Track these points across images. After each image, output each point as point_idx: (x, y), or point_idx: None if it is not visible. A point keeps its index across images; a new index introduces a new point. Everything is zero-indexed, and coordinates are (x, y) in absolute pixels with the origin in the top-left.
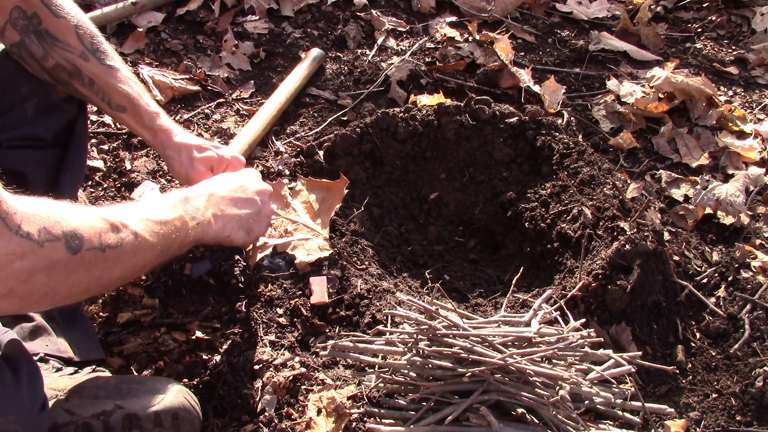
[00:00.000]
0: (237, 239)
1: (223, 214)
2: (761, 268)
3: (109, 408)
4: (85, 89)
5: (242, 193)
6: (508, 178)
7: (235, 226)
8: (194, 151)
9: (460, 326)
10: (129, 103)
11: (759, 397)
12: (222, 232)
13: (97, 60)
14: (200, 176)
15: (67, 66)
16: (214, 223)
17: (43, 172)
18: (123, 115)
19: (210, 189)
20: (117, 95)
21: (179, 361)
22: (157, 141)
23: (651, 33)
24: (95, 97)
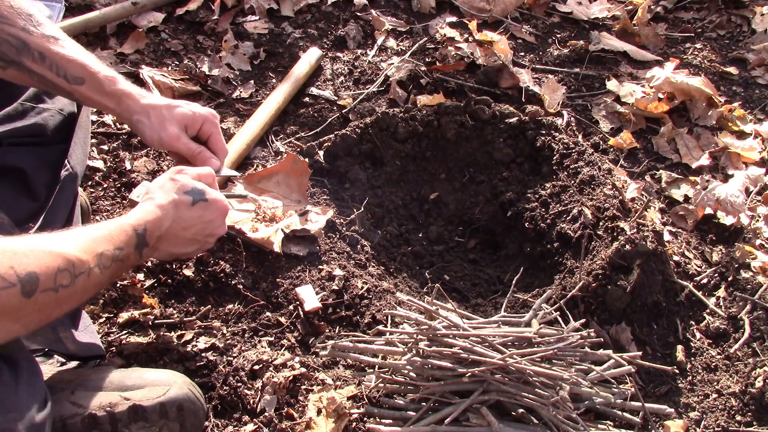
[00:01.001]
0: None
1: (167, 252)
2: (761, 268)
3: (114, 400)
4: (37, 65)
5: (197, 237)
6: (508, 178)
7: (169, 257)
8: (164, 111)
9: (460, 326)
10: (85, 72)
11: (759, 397)
12: (156, 258)
13: (40, 32)
14: (174, 138)
15: (13, 41)
16: (157, 256)
17: (44, 169)
18: (81, 87)
19: (170, 224)
20: (72, 66)
21: (179, 361)
22: (122, 107)
23: (651, 33)
24: (48, 73)
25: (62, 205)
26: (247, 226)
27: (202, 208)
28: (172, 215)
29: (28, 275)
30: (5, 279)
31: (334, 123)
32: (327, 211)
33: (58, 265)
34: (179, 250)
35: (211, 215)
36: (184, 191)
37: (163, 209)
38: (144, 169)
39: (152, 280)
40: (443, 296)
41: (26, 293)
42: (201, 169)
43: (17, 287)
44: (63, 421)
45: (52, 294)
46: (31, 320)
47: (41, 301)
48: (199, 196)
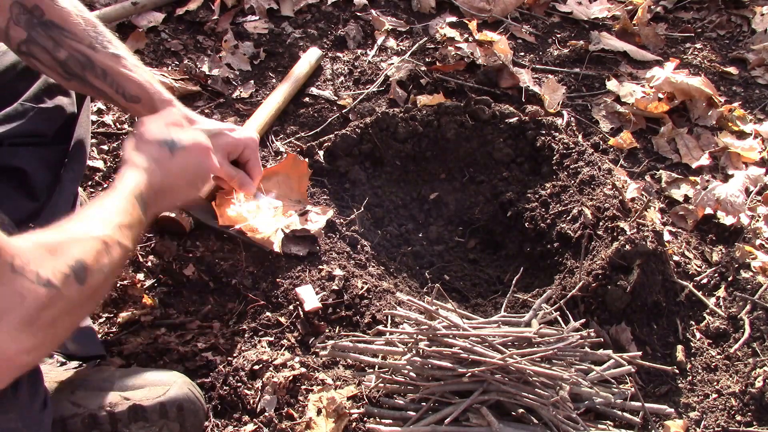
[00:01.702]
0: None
1: (170, 203)
2: (761, 268)
3: (115, 400)
4: (99, 81)
5: (191, 181)
6: (508, 178)
7: (173, 208)
8: (210, 138)
9: (460, 326)
10: (142, 92)
11: (759, 397)
12: (162, 212)
13: (104, 49)
14: (216, 169)
15: (79, 57)
16: (165, 210)
17: (44, 169)
18: (137, 105)
19: (160, 180)
20: (130, 85)
21: (179, 361)
22: None
23: (651, 33)
24: (109, 89)
25: (62, 205)
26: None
27: (183, 155)
28: (159, 171)
29: (77, 263)
30: (62, 272)
31: (334, 123)
32: (327, 211)
33: (96, 247)
34: (182, 196)
35: (195, 158)
36: (158, 143)
37: (147, 170)
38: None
39: (152, 280)
40: (443, 296)
41: (80, 280)
42: (164, 115)
43: (71, 276)
44: (63, 421)
45: (100, 276)
46: (89, 306)
47: (93, 285)
48: (173, 145)
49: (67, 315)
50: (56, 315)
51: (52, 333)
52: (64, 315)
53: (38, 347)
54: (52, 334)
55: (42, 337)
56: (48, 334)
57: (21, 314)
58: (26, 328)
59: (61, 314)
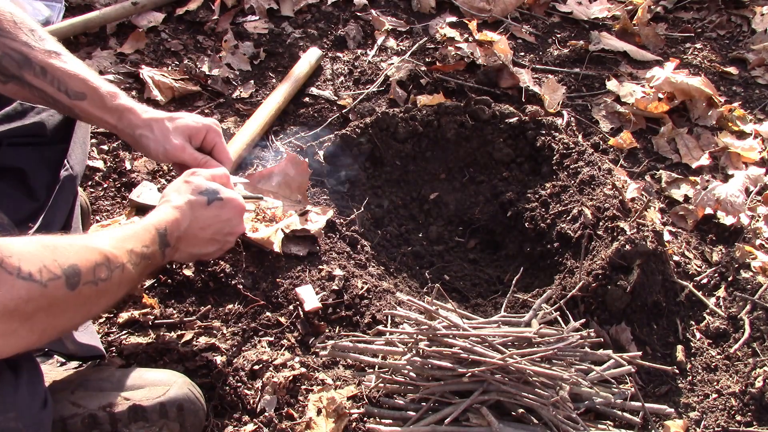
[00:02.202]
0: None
1: (188, 252)
2: (761, 268)
3: (114, 400)
4: (38, 80)
5: (216, 236)
6: (508, 178)
7: (191, 258)
8: (167, 123)
9: (460, 326)
10: (87, 87)
11: (759, 397)
12: (178, 260)
13: (41, 47)
14: (180, 149)
15: (15, 55)
16: (179, 258)
17: (44, 169)
18: (82, 103)
19: (188, 224)
20: (73, 81)
21: (179, 361)
22: (123, 122)
23: (651, 33)
24: (49, 88)
25: (62, 205)
26: (247, 226)
27: (218, 207)
28: (189, 215)
29: (70, 267)
30: (51, 271)
31: (334, 123)
32: (327, 211)
33: (96, 259)
34: (200, 250)
35: (227, 214)
36: (198, 192)
37: (179, 210)
38: (144, 169)
39: (152, 280)
40: (443, 296)
41: (70, 285)
42: (215, 170)
43: (62, 279)
44: (63, 421)
45: (93, 287)
46: (75, 315)
47: (84, 295)
48: (213, 195)
49: (48, 314)
50: (33, 310)
51: (28, 326)
52: (43, 312)
53: (11, 334)
54: (28, 327)
55: (16, 326)
56: (23, 326)
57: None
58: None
59: (40, 310)
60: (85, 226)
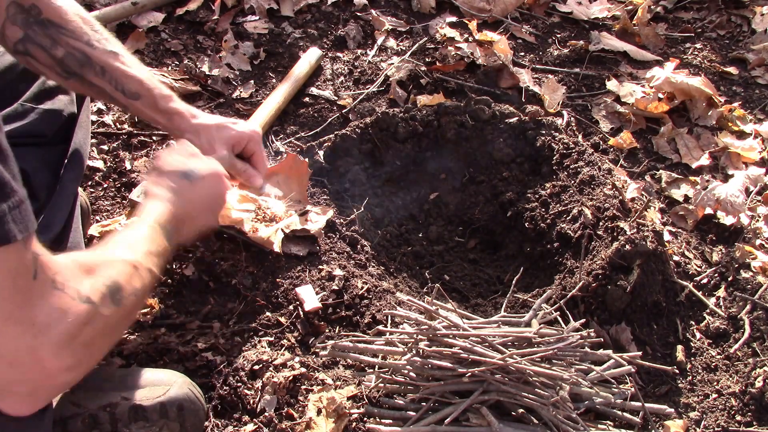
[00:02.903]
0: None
1: (192, 233)
2: (761, 268)
3: (115, 400)
4: (98, 79)
5: (210, 207)
6: (508, 178)
7: (195, 235)
8: (213, 131)
9: (460, 326)
10: (142, 88)
11: (759, 397)
12: (185, 241)
13: (101, 46)
14: (222, 158)
15: (77, 55)
16: (186, 239)
17: (44, 170)
18: (137, 102)
19: (182, 210)
20: (130, 81)
21: (179, 361)
22: (173, 124)
23: (651, 33)
24: (108, 86)
25: (62, 205)
26: (247, 226)
27: (201, 184)
28: (180, 201)
29: (113, 284)
30: (100, 291)
31: (334, 123)
32: (327, 211)
33: (128, 270)
34: (204, 222)
35: (211, 183)
36: (178, 176)
37: (168, 201)
38: (144, 169)
39: None
40: (443, 296)
41: (116, 302)
42: (179, 149)
43: (108, 298)
44: (63, 421)
45: (133, 299)
46: (122, 330)
47: (127, 309)
48: (192, 175)
49: (103, 335)
50: (94, 334)
51: (89, 352)
52: (100, 335)
53: (77, 366)
54: (89, 353)
55: (81, 356)
56: (86, 353)
57: (63, 330)
58: (68, 345)
59: (98, 333)
60: (85, 226)
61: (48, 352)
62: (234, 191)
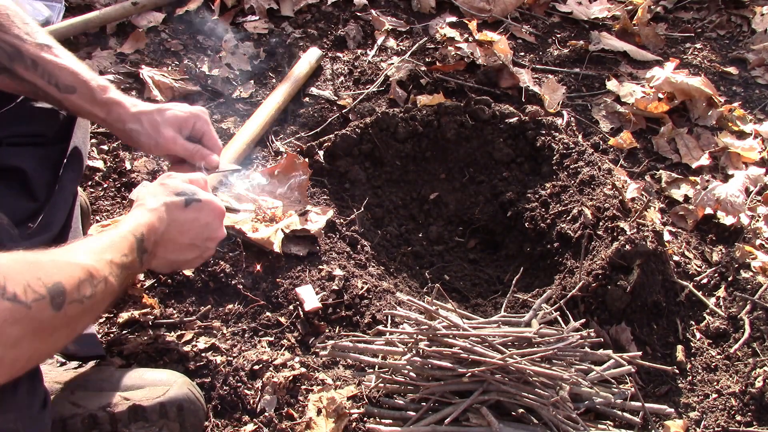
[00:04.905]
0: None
1: (167, 260)
2: (761, 268)
3: (114, 400)
4: (29, 73)
5: (195, 241)
6: (508, 178)
7: (170, 266)
8: (156, 115)
9: (460, 326)
10: (77, 80)
11: (759, 397)
12: (156, 269)
13: (33, 40)
14: (171, 141)
15: (7, 48)
16: (157, 266)
17: (44, 169)
18: (72, 96)
19: (165, 228)
20: (64, 74)
21: (179, 361)
22: (112, 116)
23: (651, 33)
24: (40, 81)
25: (62, 205)
26: (247, 226)
27: (195, 210)
28: (167, 218)
29: (55, 286)
30: (35, 290)
31: (334, 123)
32: (327, 211)
33: (79, 275)
34: (178, 256)
35: (206, 217)
36: (175, 193)
37: (155, 213)
38: (144, 169)
39: (152, 280)
40: (443, 296)
41: (56, 305)
42: (191, 175)
43: (46, 299)
44: (63, 421)
45: (78, 306)
46: (61, 336)
47: (69, 315)
48: (191, 197)
49: (34, 338)
50: (21, 334)
51: (13, 354)
52: (30, 336)
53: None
54: (13, 355)
55: (1, 355)
56: (9, 352)
57: None
58: None
59: (26, 335)
60: (85, 226)
61: None
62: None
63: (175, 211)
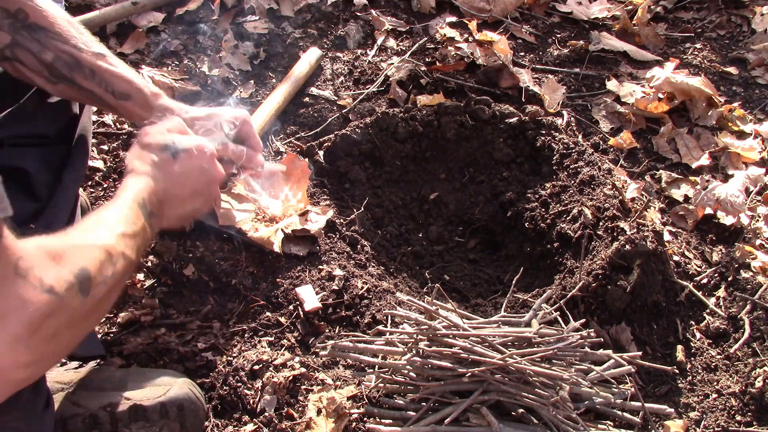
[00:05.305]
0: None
1: (175, 215)
2: (761, 268)
3: (115, 400)
4: (87, 81)
5: (196, 188)
6: (508, 178)
7: (180, 220)
8: (206, 121)
9: (460, 326)
10: (132, 87)
11: (759, 397)
12: (169, 227)
13: (88, 48)
14: (221, 148)
15: (66, 58)
16: (169, 224)
17: (46, 170)
18: (127, 103)
19: (164, 187)
20: (119, 82)
21: (179, 361)
22: None
23: (651, 33)
24: (98, 89)
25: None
26: (247, 226)
27: (185, 159)
28: (162, 176)
29: (81, 272)
30: (65, 280)
31: (334, 123)
32: (327, 211)
33: (100, 257)
34: (186, 208)
35: (198, 161)
36: (160, 150)
37: (149, 175)
38: None
39: (152, 280)
40: (443, 296)
41: (84, 291)
42: (166, 123)
43: (75, 287)
44: (63, 421)
45: (103, 288)
46: (92, 320)
47: (97, 298)
48: (175, 148)
49: (69, 328)
50: (58, 326)
51: (52, 347)
52: (65, 327)
53: (37, 362)
54: (52, 348)
55: (42, 351)
56: (48, 347)
57: (22, 321)
58: (26, 338)
59: (62, 326)
60: None
61: (3, 345)
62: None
63: (165, 167)
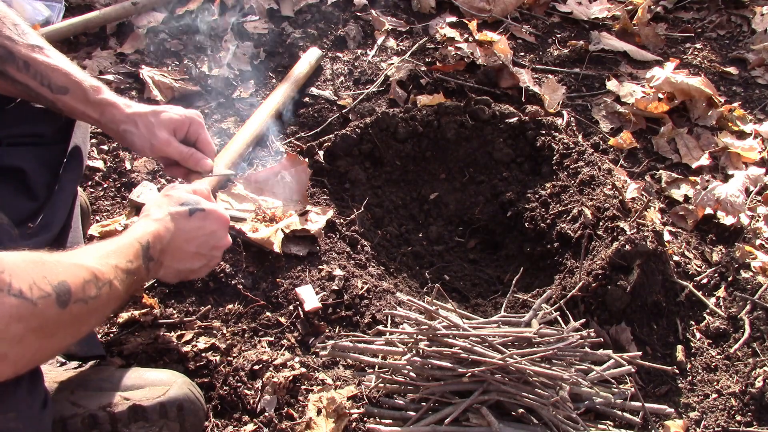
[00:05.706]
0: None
1: (174, 269)
2: (761, 268)
3: (114, 400)
4: (21, 74)
5: (200, 250)
6: (508, 178)
7: (177, 276)
8: (151, 117)
9: (460, 326)
10: (69, 81)
11: (759, 397)
12: (164, 279)
13: (25, 41)
14: (165, 144)
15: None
16: (164, 275)
17: (43, 169)
18: (65, 97)
19: (171, 237)
20: (56, 75)
21: (179, 361)
22: (106, 116)
23: (651, 33)
24: (32, 82)
25: (61, 205)
26: (247, 226)
27: (200, 219)
28: (172, 227)
29: (60, 284)
30: (41, 288)
31: (334, 123)
32: (327, 211)
33: (84, 276)
34: (185, 265)
35: (211, 225)
36: (179, 203)
37: (161, 222)
38: (144, 169)
39: (152, 280)
40: (443, 296)
41: (61, 303)
42: (195, 185)
43: (52, 297)
44: (63, 421)
45: (83, 305)
46: (66, 335)
47: (74, 313)
48: (195, 206)
49: (39, 335)
50: (24, 331)
51: (17, 351)
52: (34, 334)
53: (1, 360)
54: (17, 352)
55: (5, 350)
56: (13, 350)
57: None
58: None
59: (30, 332)
60: (85, 226)
61: None
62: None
63: (180, 221)
